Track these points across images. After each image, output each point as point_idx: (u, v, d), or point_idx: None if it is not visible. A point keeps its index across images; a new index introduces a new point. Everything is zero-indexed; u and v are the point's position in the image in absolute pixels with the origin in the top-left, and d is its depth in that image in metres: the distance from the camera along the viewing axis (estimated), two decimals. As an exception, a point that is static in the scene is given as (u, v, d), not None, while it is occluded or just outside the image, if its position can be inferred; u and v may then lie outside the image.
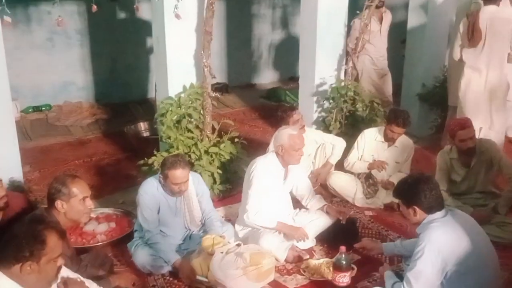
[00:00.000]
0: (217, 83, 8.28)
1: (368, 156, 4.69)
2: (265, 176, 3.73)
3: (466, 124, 4.02)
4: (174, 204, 3.66)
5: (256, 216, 3.70)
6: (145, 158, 4.48)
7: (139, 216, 3.60)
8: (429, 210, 2.83)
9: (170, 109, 4.52)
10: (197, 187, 3.74)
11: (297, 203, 4.12)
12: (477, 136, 4.24)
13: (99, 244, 3.87)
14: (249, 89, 8.74)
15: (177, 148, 4.39)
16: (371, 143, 4.69)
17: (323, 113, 5.57)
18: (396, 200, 3.75)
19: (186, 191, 3.59)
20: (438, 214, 2.83)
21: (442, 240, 2.73)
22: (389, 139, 4.60)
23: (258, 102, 7.94)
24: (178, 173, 3.44)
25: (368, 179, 4.77)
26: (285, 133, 3.73)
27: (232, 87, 8.54)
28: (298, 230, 3.69)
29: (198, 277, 3.29)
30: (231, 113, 7.42)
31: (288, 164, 3.78)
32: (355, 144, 4.76)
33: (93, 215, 4.24)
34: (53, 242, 2.20)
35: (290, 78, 8.79)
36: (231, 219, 4.16)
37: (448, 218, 2.82)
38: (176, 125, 4.56)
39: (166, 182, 3.49)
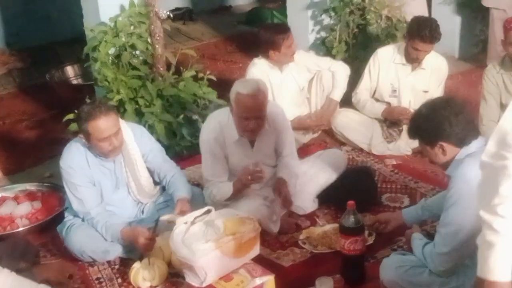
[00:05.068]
0: (177, 9, 8.24)
1: (386, 86, 4.71)
2: (215, 143, 3.69)
3: None
4: (113, 171, 3.65)
5: (212, 195, 3.73)
6: (75, 111, 4.46)
7: (71, 200, 3.61)
8: (461, 141, 2.84)
9: (104, 39, 4.50)
10: (140, 144, 3.68)
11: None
12: None
13: (19, 230, 3.90)
14: (222, 14, 8.73)
15: (118, 92, 4.39)
16: (388, 67, 4.69)
17: (322, 33, 5.56)
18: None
19: (121, 147, 3.55)
20: (475, 145, 2.85)
21: (483, 176, 2.75)
22: (413, 60, 4.60)
23: (235, 30, 7.93)
24: (101, 123, 3.39)
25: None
26: (234, 88, 3.58)
27: (199, 12, 8.52)
28: (242, 171, 3.64)
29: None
30: (198, 47, 7.38)
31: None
32: (366, 69, 4.76)
33: (9, 194, 4.30)
34: None
35: (279, -6, 8.73)
36: (200, 183, 4.19)
37: (490, 148, 2.85)
38: (115, 61, 4.55)
39: (91, 141, 3.48)
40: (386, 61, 4.70)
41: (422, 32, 4.40)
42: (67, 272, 3.37)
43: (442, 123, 2.84)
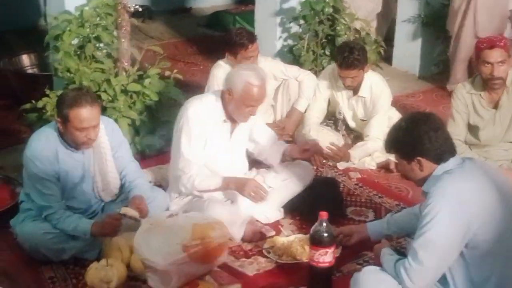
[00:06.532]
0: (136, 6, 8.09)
1: (334, 104, 4.71)
2: (200, 123, 3.67)
3: (497, 43, 3.93)
4: (82, 163, 3.54)
5: (192, 179, 3.64)
6: (33, 101, 4.32)
7: (31, 192, 3.47)
8: (439, 157, 2.83)
9: (68, 28, 4.37)
10: (111, 138, 3.62)
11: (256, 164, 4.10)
12: None
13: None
14: (183, 15, 8.67)
15: (81, 84, 4.26)
16: (331, 89, 4.67)
17: (290, 41, 5.53)
18: (393, 158, 3.77)
19: (95, 141, 3.46)
20: (452, 163, 2.83)
21: (462, 192, 2.72)
22: (348, 86, 4.52)
23: (196, 32, 7.87)
24: (84, 112, 3.30)
25: (352, 131, 4.79)
26: (242, 77, 3.59)
27: (158, 12, 8.43)
28: (248, 182, 3.65)
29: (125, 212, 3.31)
30: (158, 46, 7.27)
31: (232, 117, 3.72)
32: (316, 88, 4.72)
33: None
34: None
35: (242, 0, 8.69)
36: (162, 184, 4.10)
37: (467, 165, 2.84)
38: (78, 52, 4.43)
39: (67, 128, 3.36)
40: (328, 83, 4.69)
41: (338, 58, 4.41)
42: None
43: (421, 138, 2.81)
